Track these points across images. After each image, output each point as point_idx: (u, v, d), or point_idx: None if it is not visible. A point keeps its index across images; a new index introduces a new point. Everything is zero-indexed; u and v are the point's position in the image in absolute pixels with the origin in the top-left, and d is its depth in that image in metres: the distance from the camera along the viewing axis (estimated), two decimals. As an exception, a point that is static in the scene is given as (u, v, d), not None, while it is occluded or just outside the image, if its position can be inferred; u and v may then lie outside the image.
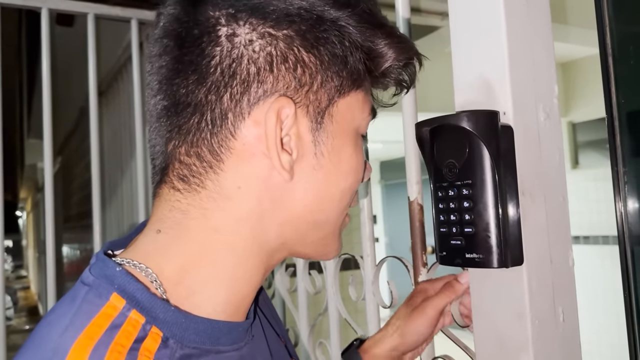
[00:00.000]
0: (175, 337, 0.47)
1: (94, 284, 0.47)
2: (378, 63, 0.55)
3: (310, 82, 0.50)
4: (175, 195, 0.51)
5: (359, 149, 0.56)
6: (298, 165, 0.51)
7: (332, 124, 0.52)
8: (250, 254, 0.52)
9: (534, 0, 0.69)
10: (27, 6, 1.60)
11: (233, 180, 0.50)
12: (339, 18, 0.51)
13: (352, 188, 0.56)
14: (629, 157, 0.72)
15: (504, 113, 0.64)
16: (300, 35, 0.50)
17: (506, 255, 0.62)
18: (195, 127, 0.49)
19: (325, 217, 0.55)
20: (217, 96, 0.48)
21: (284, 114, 0.49)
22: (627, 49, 0.76)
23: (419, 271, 0.88)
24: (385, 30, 0.54)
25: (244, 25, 0.49)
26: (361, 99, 0.55)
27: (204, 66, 0.49)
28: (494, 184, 0.62)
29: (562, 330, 0.66)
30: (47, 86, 1.60)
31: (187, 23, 0.50)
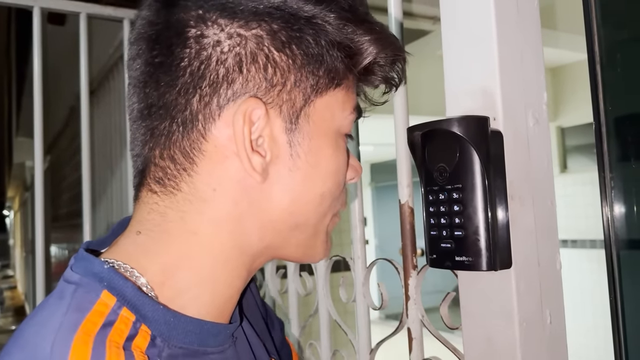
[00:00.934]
0: (162, 336, 0.47)
1: (82, 281, 0.46)
2: (357, 60, 0.53)
3: (282, 82, 0.49)
4: (153, 197, 0.51)
5: (341, 150, 0.54)
6: (274, 166, 0.50)
7: (309, 124, 0.51)
8: (229, 256, 0.51)
9: (524, 8, 0.70)
10: (18, 5, 1.59)
11: (208, 183, 0.50)
12: (315, 15, 0.50)
13: (333, 190, 0.54)
14: (615, 162, 0.73)
15: (494, 119, 0.65)
16: (271, 35, 0.49)
17: (495, 258, 0.63)
18: (168, 129, 0.49)
19: (306, 219, 0.53)
20: (187, 98, 0.48)
21: (255, 115, 0.48)
22: (615, 56, 0.77)
23: (409, 274, 0.89)
24: (365, 26, 0.52)
25: (212, 25, 0.48)
26: (341, 98, 0.53)
27: (173, 68, 0.49)
28: (484, 188, 0.63)
29: (550, 333, 0.68)
30: (38, 85, 1.59)
31: (158, 25, 0.50)
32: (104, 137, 2.71)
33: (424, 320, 0.87)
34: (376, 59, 0.54)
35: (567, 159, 4.90)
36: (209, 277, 0.51)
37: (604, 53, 0.77)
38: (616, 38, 0.80)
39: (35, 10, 1.59)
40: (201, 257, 0.50)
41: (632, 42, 0.84)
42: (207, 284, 0.51)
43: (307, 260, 0.60)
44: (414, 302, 0.88)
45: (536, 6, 0.72)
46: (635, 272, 0.74)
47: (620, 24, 0.83)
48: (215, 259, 0.51)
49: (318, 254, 0.58)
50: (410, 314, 0.88)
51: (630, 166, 0.76)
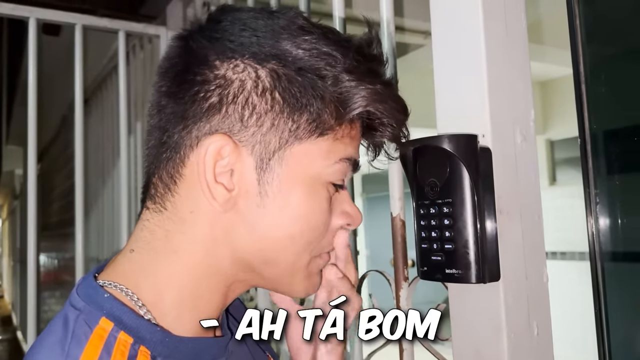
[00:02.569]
0: (161, 355, 0.50)
1: (85, 309, 0.50)
2: (342, 112, 0.54)
3: (257, 124, 0.52)
4: (146, 214, 0.56)
5: (317, 196, 0.55)
6: (244, 200, 0.53)
7: (282, 166, 0.53)
8: (206, 275, 0.54)
9: (512, 28, 0.73)
10: (15, 16, 1.60)
11: (186, 205, 0.53)
12: (307, 67, 0.52)
13: (307, 234, 0.55)
14: (600, 177, 0.76)
15: (483, 135, 0.68)
16: (255, 80, 0.52)
17: (484, 271, 0.65)
18: (159, 150, 0.55)
19: (275, 257, 0.55)
20: (175, 125, 0.53)
21: (225, 151, 0.51)
22: (600, 72, 0.80)
23: (401, 285, 0.91)
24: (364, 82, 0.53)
25: (207, 65, 0.53)
26: (326, 147, 0.54)
27: (170, 99, 0.54)
28: (473, 202, 0.65)
29: (537, 344, 0.69)
30: (32, 95, 1.60)
31: (167, 62, 0.56)
32: (96, 147, 2.71)
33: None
34: (368, 114, 0.55)
35: (556, 171, 4.95)
36: (188, 296, 0.54)
37: (589, 69, 0.79)
38: (601, 54, 0.83)
39: (31, 21, 1.60)
40: (182, 276, 0.54)
41: (617, 58, 0.87)
42: (187, 302, 0.54)
43: (287, 294, 0.61)
44: (404, 313, 0.89)
45: (524, 26, 0.75)
46: (619, 285, 0.76)
47: (605, 41, 0.85)
48: (193, 277, 0.54)
49: (297, 292, 0.59)
50: (401, 325, 0.89)
51: (614, 181, 0.78)
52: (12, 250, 11.28)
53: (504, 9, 0.72)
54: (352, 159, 0.56)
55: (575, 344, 3.71)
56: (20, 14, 1.60)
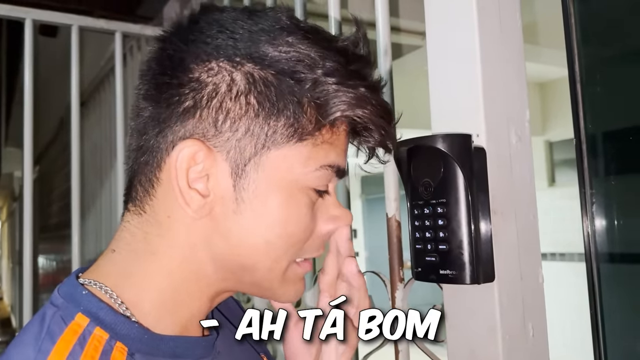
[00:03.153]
0: (140, 352, 0.49)
1: (62, 306, 0.50)
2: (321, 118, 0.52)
3: (231, 129, 0.50)
4: (127, 216, 0.55)
5: (295, 202, 0.53)
6: (219, 206, 0.52)
7: (258, 172, 0.51)
8: (186, 280, 0.54)
9: (507, 28, 0.72)
10: (11, 17, 1.60)
11: (163, 209, 0.53)
12: (285, 71, 0.51)
13: (285, 239, 0.53)
14: (596, 179, 0.75)
15: (477, 135, 0.67)
16: (229, 84, 0.50)
17: (478, 272, 0.65)
18: (138, 154, 0.54)
19: (253, 262, 0.53)
20: (153, 130, 0.53)
21: (199, 157, 0.50)
22: (595, 74, 0.80)
23: (396, 286, 0.90)
24: (346, 85, 0.52)
25: (184, 69, 0.52)
26: (305, 153, 0.52)
27: (148, 101, 0.54)
28: (467, 203, 0.64)
29: (532, 346, 0.69)
30: (29, 96, 1.60)
31: (148, 64, 0.56)
32: (93, 149, 2.70)
33: (411, 333, 0.88)
34: (351, 119, 0.53)
35: (555, 172, 4.95)
36: (168, 300, 0.53)
37: (584, 70, 0.79)
38: (597, 55, 0.82)
39: (27, 23, 1.60)
40: (160, 278, 0.53)
41: (613, 59, 0.87)
42: (167, 307, 0.53)
43: (271, 299, 0.60)
44: (400, 314, 0.89)
45: (519, 26, 0.74)
46: (615, 286, 0.76)
47: (601, 42, 0.85)
48: (173, 280, 0.53)
49: (280, 297, 0.58)
50: (396, 327, 0.89)
51: (610, 182, 0.78)
52: (12, 252, 11.27)
53: (499, 8, 0.72)
54: (335, 165, 0.54)
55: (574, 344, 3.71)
56: (16, 15, 1.60)
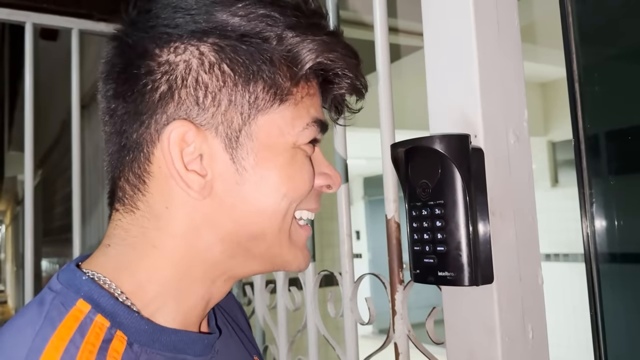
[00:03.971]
0: (139, 342, 0.49)
1: (62, 291, 0.50)
2: (295, 71, 0.53)
3: (214, 103, 0.51)
4: (117, 215, 0.55)
5: (297, 160, 0.54)
6: (220, 183, 0.52)
7: (252, 141, 0.52)
8: (190, 267, 0.54)
9: (504, 28, 0.72)
10: (11, 20, 1.60)
11: (160, 201, 0.53)
12: (247, 32, 0.51)
13: (287, 197, 0.54)
14: (595, 179, 0.75)
15: (475, 136, 0.67)
16: (199, 58, 0.51)
17: (477, 274, 0.64)
18: (121, 154, 0.54)
19: (262, 228, 0.54)
20: (131, 125, 0.52)
21: (189, 137, 0.50)
22: (593, 75, 0.79)
23: (396, 288, 0.90)
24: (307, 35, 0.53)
25: (147, 56, 0.51)
26: (290, 115, 0.53)
27: (120, 99, 0.53)
28: (465, 204, 0.64)
29: (531, 347, 0.68)
30: (29, 100, 1.60)
31: (108, 64, 0.55)
32: (95, 152, 2.71)
33: (410, 335, 0.87)
34: (322, 66, 0.55)
35: (558, 173, 4.94)
36: (172, 287, 0.53)
37: (582, 70, 0.79)
38: (595, 55, 0.82)
39: (27, 26, 1.60)
40: (163, 268, 0.53)
41: (611, 59, 0.86)
42: (171, 293, 0.53)
43: (281, 268, 0.59)
44: (400, 317, 0.89)
45: (516, 26, 0.74)
46: (615, 286, 0.75)
47: (599, 42, 0.84)
48: (177, 269, 0.53)
49: (291, 262, 0.58)
50: (397, 329, 0.89)
51: (609, 182, 0.77)
52: (16, 256, 11.30)
53: (496, 8, 0.72)
54: (318, 120, 0.56)
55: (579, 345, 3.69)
56: (16, 19, 1.60)
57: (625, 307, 0.78)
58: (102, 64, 0.56)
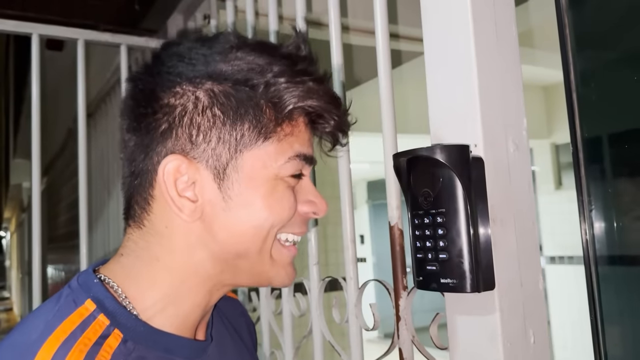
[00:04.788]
0: (134, 340, 0.57)
1: (76, 290, 0.59)
2: (278, 113, 0.60)
3: (205, 140, 0.59)
4: (129, 229, 0.64)
5: (278, 191, 0.61)
6: (209, 207, 0.60)
7: (238, 173, 0.59)
8: (188, 277, 0.62)
9: (503, 38, 0.73)
10: (18, 32, 1.62)
11: (161, 221, 0.61)
12: (239, 80, 0.59)
13: (267, 222, 0.60)
14: (593, 183, 0.76)
15: (475, 145, 0.68)
16: (194, 102, 0.59)
17: (478, 280, 0.65)
18: (131, 178, 0.63)
19: (245, 248, 0.61)
20: (139, 154, 0.61)
21: (182, 169, 0.58)
22: (591, 80, 0.81)
23: (400, 294, 0.91)
24: (294, 82, 0.60)
25: (155, 99, 0.60)
26: (273, 150, 0.60)
27: (132, 133, 0.62)
28: (466, 212, 0.65)
29: (533, 352, 0.69)
30: (36, 109, 1.62)
31: (125, 102, 0.64)
32: (101, 159, 2.73)
33: (415, 340, 0.89)
34: (305, 109, 0.61)
35: (561, 175, 4.93)
36: (171, 293, 0.61)
37: (579, 76, 0.80)
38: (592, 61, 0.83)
39: (34, 37, 1.63)
40: (163, 278, 0.61)
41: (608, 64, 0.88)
42: (170, 299, 0.61)
43: (266, 285, 0.67)
44: (404, 322, 0.90)
45: (515, 35, 0.76)
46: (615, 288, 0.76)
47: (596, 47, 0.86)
48: (175, 279, 0.61)
49: (273, 278, 0.65)
50: (401, 335, 0.90)
51: (608, 186, 0.79)
52: (21, 263, 11.34)
53: (494, 18, 0.73)
54: (302, 154, 0.62)
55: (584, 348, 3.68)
56: (23, 30, 1.63)
57: (625, 309, 0.79)
58: (122, 101, 0.66)
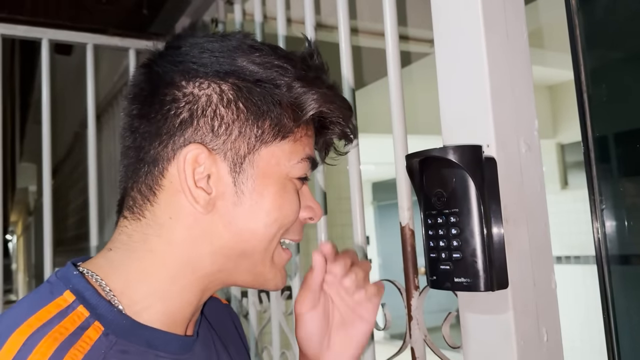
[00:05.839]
0: (115, 334, 0.55)
1: (54, 282, 0.58)
2: (301, 115, 0.61)
3: (226, 133, 0.59)
4: (124, 222, 0.62)
5: (287, 191, 0.62)
6: (221, 201, 0.59)
7: (253, 168, 0.60)
8: (182, 273, 0.60)
9: (513, 39, 0.74)
10: (28, 37, 1.64)
11: (165, 211, 0.60)
12: (263, 79, 0.60)
13: (277, 222, 0.61)
14: (604, 182, 0.76)
15: (488, 146, 0.69)
16: (220, 94, 0.59)
17: (492, 279, 0.66)
18: (137, 167, 0.61)
19: (252, 247, 0.61)
20: (151, 142, 0.59)
21: (201, 159, 0.58)
22: (601, 79, 0.81)
23: (412, 294, 0.92)
24: (312, 87, 0.61)
25: (175, 86, 0.59)
26: (288, 149, 0.61)
27: (144, 119, 0.60)
28: (479, 212, 0.66)
29: (546, 350, 0.70)
30: (46, 114, 1.64)
31: (136, 87, 0.63)
32: (108, 162, 2.74)
33: (427, 340, 0.89)
34: (322, 114, 0.63)
35: (567, 175, 4.93)
36: (161, 289, 0.60)
37: (590, 75, 0.80)
38: (602, 59, 0.84)
39: (44, 42, 1.64)
40: (156, 271, 0.59)
41: (618, 62, 0.88)
42: (160, 295, 0.59)
43: (260, 286, 0.66)
44: (416, 322, 0.91)
45: (525, 36, 0.76)
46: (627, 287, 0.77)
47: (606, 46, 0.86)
48: (168, 274, 0.60)
49: (269, 281, 0.65)
50: (413, 334, 0.91)
51: (619, 184, 0.79)
52: (27, 266, 11.38)
53: (505, 19, 0.74)
54: (311, 157, 0.64)
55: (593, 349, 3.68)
56: (33, 36, 1.64)
57: (638, 308, 0.79)
58: (130, 86, 0.64)
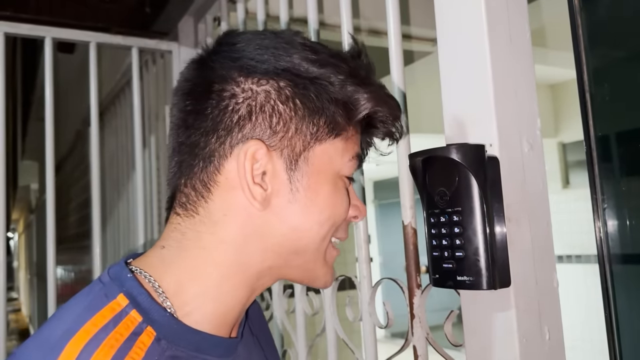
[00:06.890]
0: (167, 339, 0.55)
1: (108, 284, 0.57)
2: (354, 114, 0.61)
3: (284, 129, 0.58)
4: (177, 219, 0.61)
5: (339, 189, 0.62)
6: (276, 198, 0.59)
7: (308, 165, 0.60)
8: (234, 271, 0.60)
9: (516, 38, 0.74)
10: (32, 35, 1.64)
11: (220, 208, 0.59)
12: (318, 76, 0.60)
13: (330, 220, 0.61)
14: (606, 182, 0.77)
15: (490, 145, 0.69)
16: (278, 90, 0.59)
17: (494, 278, 0.67)
18: (191, 163, 0.60)
19: (304, 244, 0.61)
20: (207, 139, 0.59)
21: (259, 155, 0.58)
22: (604, 78, 0.81)
23: (414, 292, 0.92)
24: (364, 86, 0.61)
25: (231, 82, 0.59)
26: (340, 147, 0.62)
27: (199, 115, 0.60)
28: (482, 211, 0.66)
29: (548, 349, 0.70)
30: (49, 112, 1.64)
31: (190, 82, 0.62)
32: (110, 160, 2.75)
33: (429, 338, 0.90)
34: (373, 114, 0.63)
35: (569, 174, 4.93)
36: (213, 288, 0.59)
37: (592, 74, 0.81)
38: (605, 58, 0.84)
39: (47, 41, 1.65)
40: (208, 269, 0.59)
41: (621, 61, 0.88)
42: (211, 295, 0.59)
43: (309, 283, 0.67)
44: (419, 320, 0.91)
45: (528, 36, 0.77)
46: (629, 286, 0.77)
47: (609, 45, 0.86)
48: (220, 272, 0.59)
49: (319, 278, 0.65)
50: (415, 332, 0.91)
51: (621, 183, 0.79)
52: (29, 264, 11.41)
53: (508, 19, 0.74)
54: (360, 156, 0.65)
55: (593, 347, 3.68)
56: (37, 34, 1.65)
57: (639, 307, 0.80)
58: (181, 81, 0.63)
